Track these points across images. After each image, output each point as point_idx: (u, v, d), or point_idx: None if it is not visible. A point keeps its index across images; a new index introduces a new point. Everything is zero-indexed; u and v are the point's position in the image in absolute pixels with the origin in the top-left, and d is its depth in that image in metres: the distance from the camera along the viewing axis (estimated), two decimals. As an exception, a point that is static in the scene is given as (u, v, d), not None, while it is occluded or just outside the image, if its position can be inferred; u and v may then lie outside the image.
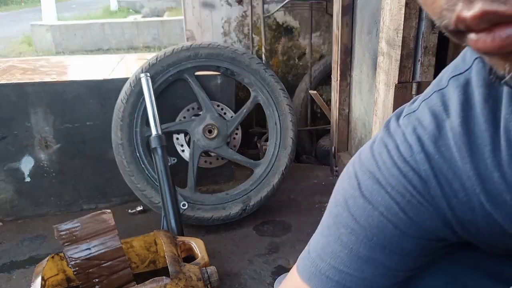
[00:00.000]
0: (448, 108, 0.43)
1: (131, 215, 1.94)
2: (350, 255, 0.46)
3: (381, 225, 0.45)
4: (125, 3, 10.66)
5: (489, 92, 0.40)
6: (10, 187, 1.88)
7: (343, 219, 0.47)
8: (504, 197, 0.40)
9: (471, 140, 0.41)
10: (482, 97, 0.41)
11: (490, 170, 0.40)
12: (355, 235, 0.46)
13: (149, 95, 1.71)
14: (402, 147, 0.44)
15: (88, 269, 1.29)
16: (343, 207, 0.48)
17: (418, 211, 0.44)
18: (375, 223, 0.45)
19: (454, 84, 0.43)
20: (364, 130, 1.88)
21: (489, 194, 0.40)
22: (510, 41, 0.26)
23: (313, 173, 2.28)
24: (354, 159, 0.50)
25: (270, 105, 1.88)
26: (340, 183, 0.50)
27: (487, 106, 0.40)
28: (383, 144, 0.47)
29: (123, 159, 1.74)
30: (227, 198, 1.82)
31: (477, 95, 0.41)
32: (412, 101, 0.48)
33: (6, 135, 1.81)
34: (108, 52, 6.28)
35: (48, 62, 2.27)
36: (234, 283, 1.49)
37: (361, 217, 0.46)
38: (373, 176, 0.46)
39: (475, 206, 0.42)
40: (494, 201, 0.40)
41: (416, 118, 0.45)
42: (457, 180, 0.42)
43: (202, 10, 2.35)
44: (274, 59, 2.51)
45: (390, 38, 1.37)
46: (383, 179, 0.45)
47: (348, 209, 0.47)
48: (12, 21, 10.33)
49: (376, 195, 0.45)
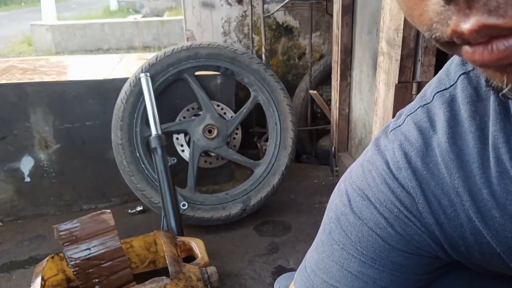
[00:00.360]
0: (434, 124, 0.43)
1: (131, 215, 1.94)
2: (341, 270, 0.47)
3: (371, 240, 0.46)
4: (125, 3, 10.66)
5: (475, 109, 0.40)
6: (10, 187, 1.88)
7: (335, 235, 0.48)
8: (493, 214, 0.40)
9: (459, 156, 0.41)
10: (469, 114, 0.41)
11: (478, 186, 0.40)
12: (346, 251, 0.47)
13: (149, 95, 1.71)
14: (391, 164, 0.45)
15: (88, 269, 1.28)
16: (336, 224, 0.49)
17: (406, 226, 0.44)
18: (365, 238, 0.46)
19: (440, 100, 0.43)
20: (364, 130, 1.88)
21: (478, 211, 0.40)
22: (508, 53, 0.25)
23: (313, 173, 2.28)
24: (345, 176, 0.51)
25: (270, 105, 1.88)
26: (332, 199, 0.51)
27: (474, 123, 0.40)
28: (373, 161, 0.47)
29: (123, 159, 1.74)
30: (227, 198, 1.82)
31: (464, 112, 0.41)
32: (398, 116, 0.48)
33: (6, 135, 1.81)
34: (108, 52, 6.28)
35: (48, 62, 2.27)
36: (234, 283, 1.49)
37: (351, 233, 0.47)
38: (362, 193, 0.47)
39: (463, 222, 0.42)
40: (483, 217, 0.40)
41: (402, 133, 0.45)
42: (445, 196, 0.42)
43: (202, 10, 2.35)
44: (274, 59, 2.51)
45: (390, 38, 1.37)
46: (372, 195, 0.46)
47: (340, 225, 0.48)
48: (12, 21, 10.33)
49: (365, 211, 0.46)
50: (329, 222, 0.50)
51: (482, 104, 0.40)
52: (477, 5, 0.24)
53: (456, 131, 0.41)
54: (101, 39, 6.50)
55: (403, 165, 0.43)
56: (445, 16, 0.26)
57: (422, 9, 0.27)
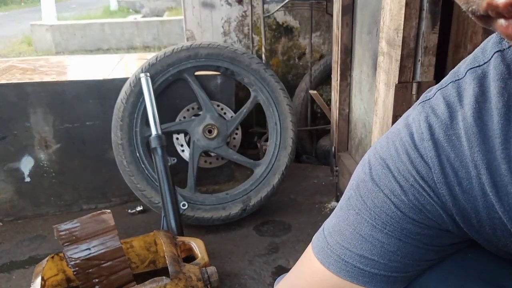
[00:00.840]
0: (462, 98, 0.44)
1: (131, 215, 1.94)
2: (354, 233, 0.49)
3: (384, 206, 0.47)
4: (125, 3, 10.65)
5: (505, 86, 0.41)
6: (10, 187, 1.88)
7: (353, 201, 0.51)
8: (509, 189, 0.40)
9: (482, 131, 0.41)
10: (498, 91, 0.41)
11: (498, 161, 0.41)
12: (360, 215, 0.49)
13: (149, 95, 1.71)
14: (416, 135, 0.46)
15: (88, 269, 1.28)
16: (355, 191, 0.51)
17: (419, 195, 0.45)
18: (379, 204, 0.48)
19: (471, 76, 0.44)
20: (364, 130, 1.88)
21: (494, 185, 0.41)
22: None
23: (313, 173, 2.28)
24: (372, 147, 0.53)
25: (270, 105, 1.88)
26: (356, 169, 0.54)
27: (501, 99, 0.41)
28: (398, 132, 0.48)
29: (123, 159, 1.74)
30: (227, 198, 1.82)
31: (493, 88, 0.42)
32: (429, 90, 0.49)
33: (6, 135, 1.81)
34: (108, 52, 6.28)
35: (48, 62, 2.27)
36: (234, 283, 1.49)
37: (368, 198, 0.49)
38: (384, 162, 0.48)
39: (477, 196, 0.43)
40: (498, 192, 0.41)
41: (430, 106, 0.46)
42: (463, 168, 0.43)
43: (202, 10, 2.35)
44: (274, 59, 2.51)
45: (390, 38, 1.37)
46: (392, 164, 0.47)
47: (359, 192, 0.50)
48: (12, 21, 10.33)
49: (383, 179, 0.48)
50: (349, 189, 0.52)
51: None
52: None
53: (483, 107, 0.42)
54: (101, 39, 6.50)
55: (425, 136, 0.45)
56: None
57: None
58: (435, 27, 1.30)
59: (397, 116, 1.39)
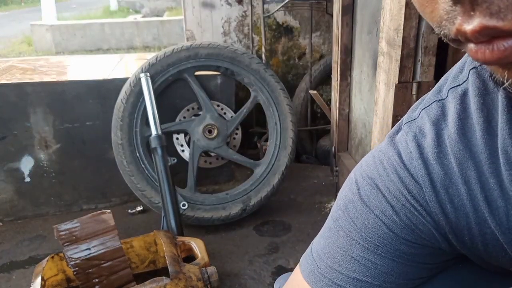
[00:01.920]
0: (446, 117, 0.45)
1: (131, 215, 1.94)
2: (345, 255, 0.49)
3: (376, 227, 0.47)
4: (125, 3, 10.65)
5: (483, 102, 0.42)
6: (10, 187, 1.88)
7: (342, 222, 0.50)
8: (499, 203, 0.41)
9: (467, 147, 0.42)
10: (477, 106, 0.42)
11: (486, 176, 0.41)
12: (351, 237, 0.49)
13: (149, 95, 1.71)
14: (404, 154, 0.46)
15: (88, 269, 1.29)
16: (343, 211, 0.50)
17: (411, 215, 0.45)
18: (370, 225, 0.47)
19: (452, 95, 0.45)
20: (364, 130, 1.88)
21: (485, 199, 0.42)
22: (508, 53, 0.27)
23: (313, 173, 2.28)
24: (357, 167, 0.52)
25: (270, 105, 1.88)
26: (342, 189, 0.53)
27: (482, 115, 0.42)
28: (385, 152, 0.48)
29: (123, 159, 1.74)
30: (227, 198, 1.82)
31: (473, 104, 0.43)
32: (413, 110, 0.49)
33: (6, 135, 1.81)
34: (108, 52, 6.28)
35: (48, 62, 2.27)
36: (234, 283, 1.49)
37: (357, 219, 0.48)
38: (372, 182, 0.48)
39: (469, 212, 0.43)
40: (490, 206, 0.42)
41: (417, 126, 0.47)
42: (453, 186, 0.43)
43: (202, 10, 2.35)
44: (274, 59, 2.51)
45: (390, 38, 1.37)
46: (382, 184, 0.47)
47: (348, 213, 0.49)
48: (12, 21, 10.33)
49: (373, 199, 0.47)
50: (337, 210, 0.51)
51: (490, 97, 0.42)
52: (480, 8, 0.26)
53: (466, 123, 0.43)
54: (101, 39, 6.50)
55: (414, 155, 0.45)
56: (452, 16, 0.28)
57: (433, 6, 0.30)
58: (435, 27, 1.30)
59: (397, 116, 1.39)
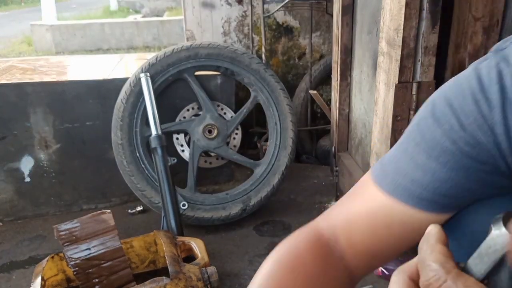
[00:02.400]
0: None
1: (131, 215, 1.94)
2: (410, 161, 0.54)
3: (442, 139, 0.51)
4: (125, 3, 10.66)
5: None
6: (10, 187, 1.88)
7: (413, 135, 0.55)
8: None
9: None
10: None
11: None
12: (418, 146, 0.53)
13: (149, 95, 1.71)
14: (484, 79, 0.49)
15: (88, 269, 1.29)
16: (415, 127, 0.55)
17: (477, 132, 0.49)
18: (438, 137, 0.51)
19: None
20: (364, 130, 1.88)
21: None
22: None
23: (313, 173, 2.28)
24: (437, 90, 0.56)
25: (270, 105, 1.88)
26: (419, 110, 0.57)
27: None
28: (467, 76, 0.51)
29: (123, 159, 1.74)
30: (227, 198, 1.82)
31: None
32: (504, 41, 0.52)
33: (6, 135, 1.81)
34: (108, 52, 6.28)
35: (48, 62, 2.27)
36: (234, 283, 1.49)
37: (427, 133, 0.53)
38: (447, 101, 0.52)
39: None
40: None
41: (502, 55, 0.49)
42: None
43: (202, 10, 2.35)
44: (274, 59, 2.51)
45: (390, 38, 1.37)
46: (456, 103, 0.50)
47: (419, 127, 0.54)
48: (12, 21, 10.33)
49: (445, 115, 0.51)
50: (411, 125, 0.56)
51: None
52: None
53: None
54: (101, 39, 6.50)
55: (494, 81, 0.48)
56: None
57: None
58: (435, 27, 1.30)
59: (397, 116, 1.39)
